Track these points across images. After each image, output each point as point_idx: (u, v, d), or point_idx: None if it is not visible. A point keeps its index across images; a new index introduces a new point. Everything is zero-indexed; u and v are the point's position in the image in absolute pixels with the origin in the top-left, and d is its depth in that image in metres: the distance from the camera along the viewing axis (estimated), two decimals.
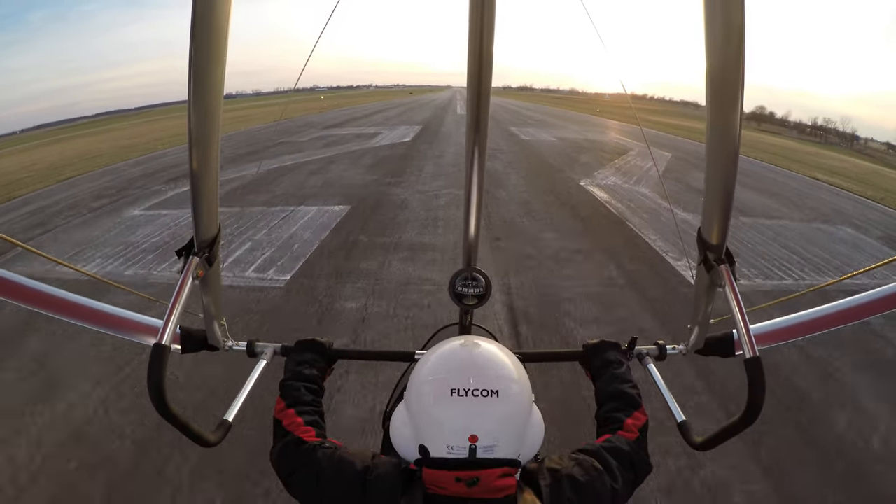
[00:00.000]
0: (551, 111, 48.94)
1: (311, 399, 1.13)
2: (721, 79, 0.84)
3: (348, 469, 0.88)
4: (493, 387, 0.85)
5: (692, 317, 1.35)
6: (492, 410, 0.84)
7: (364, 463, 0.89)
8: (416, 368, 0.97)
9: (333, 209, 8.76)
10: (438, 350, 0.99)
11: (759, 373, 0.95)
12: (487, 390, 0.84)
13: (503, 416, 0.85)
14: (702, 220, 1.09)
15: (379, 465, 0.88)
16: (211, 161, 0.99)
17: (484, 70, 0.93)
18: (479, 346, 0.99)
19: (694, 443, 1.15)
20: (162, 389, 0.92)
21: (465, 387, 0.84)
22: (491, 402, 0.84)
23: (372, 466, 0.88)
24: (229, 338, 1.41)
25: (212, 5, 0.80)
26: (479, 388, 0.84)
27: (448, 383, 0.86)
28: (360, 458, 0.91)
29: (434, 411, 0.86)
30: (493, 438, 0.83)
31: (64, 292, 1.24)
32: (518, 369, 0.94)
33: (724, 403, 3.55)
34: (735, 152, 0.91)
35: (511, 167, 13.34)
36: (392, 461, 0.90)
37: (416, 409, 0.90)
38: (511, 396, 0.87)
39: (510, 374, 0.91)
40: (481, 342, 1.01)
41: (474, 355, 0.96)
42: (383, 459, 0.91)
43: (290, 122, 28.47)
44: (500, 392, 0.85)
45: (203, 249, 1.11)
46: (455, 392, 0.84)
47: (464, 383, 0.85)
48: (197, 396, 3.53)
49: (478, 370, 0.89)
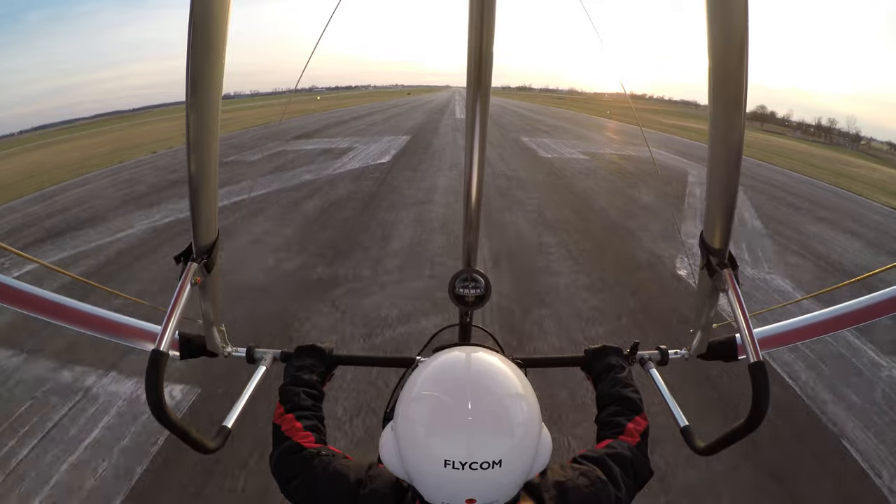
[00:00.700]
0: (558, 113, 44.04)
1: (311, 404, 1.12)
2: (723, 81, 0.82)
3: (342, 481, 0.87)
4: (495, 457, 0.71)
5: (694, 321, 1.33)
6: (493, 480, 0.72)
7: (358, 476, 0.87)
8: (404, 391, 0.82)
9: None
10: (429, 381, 0.80)
11: (762, 377, 0.94)
12: (488, 462, 0.71)
13: (506, 483, 0.75)
14: (704, 225, 1.09)
15: (374, 479, 0.87)
16: (210, 164, 0.97)
17: (484, 70, 0.92)
18: (481, 383, 0.78)
19: (697, 448, 1.12)
20: (160, 396, 0.90)
21: (461, 459, 0.71)
22: (492, 473, 0.71)
23: (366, 480, 0.87)
24: (228, 344, 1.40)
25: (210, 6, 0.80)
26: (479, 462, 0.70)
27: (441, 451, 0.71)
28: (354, 471, 0.89)
29: (427, 472, 0.74)
30: (494, 498, 0.75)
31: (60, 297, 1.22)
32: (526, 397, 0.78)
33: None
34: (738, 155, 0.90)
35: (545, 228, 7.86)
36: (387, 475, 0.87)
37: (407, 456, 0.77)
38: (516, 458, 0.74)
39: (515, 425, 0.74)
40: (481, 361, 0.83)
41: (473, 406, 0.73)
42: (379, 472, 0.88)
43: (262, 130, 23.73)
44: (503, 462, 0.72)
45: (201, 255, 1.09)
46: (449, 464, 0.71)
47: (459, 454, 0.71)
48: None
49: (476, 434, 0.72)
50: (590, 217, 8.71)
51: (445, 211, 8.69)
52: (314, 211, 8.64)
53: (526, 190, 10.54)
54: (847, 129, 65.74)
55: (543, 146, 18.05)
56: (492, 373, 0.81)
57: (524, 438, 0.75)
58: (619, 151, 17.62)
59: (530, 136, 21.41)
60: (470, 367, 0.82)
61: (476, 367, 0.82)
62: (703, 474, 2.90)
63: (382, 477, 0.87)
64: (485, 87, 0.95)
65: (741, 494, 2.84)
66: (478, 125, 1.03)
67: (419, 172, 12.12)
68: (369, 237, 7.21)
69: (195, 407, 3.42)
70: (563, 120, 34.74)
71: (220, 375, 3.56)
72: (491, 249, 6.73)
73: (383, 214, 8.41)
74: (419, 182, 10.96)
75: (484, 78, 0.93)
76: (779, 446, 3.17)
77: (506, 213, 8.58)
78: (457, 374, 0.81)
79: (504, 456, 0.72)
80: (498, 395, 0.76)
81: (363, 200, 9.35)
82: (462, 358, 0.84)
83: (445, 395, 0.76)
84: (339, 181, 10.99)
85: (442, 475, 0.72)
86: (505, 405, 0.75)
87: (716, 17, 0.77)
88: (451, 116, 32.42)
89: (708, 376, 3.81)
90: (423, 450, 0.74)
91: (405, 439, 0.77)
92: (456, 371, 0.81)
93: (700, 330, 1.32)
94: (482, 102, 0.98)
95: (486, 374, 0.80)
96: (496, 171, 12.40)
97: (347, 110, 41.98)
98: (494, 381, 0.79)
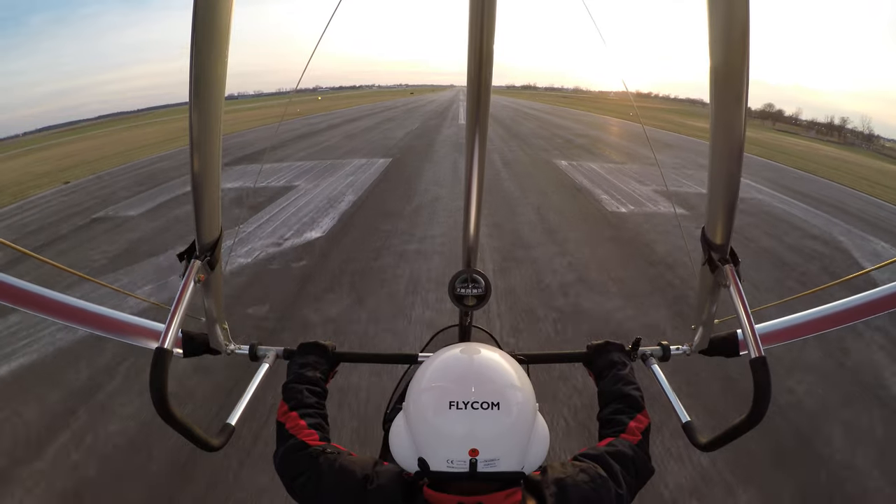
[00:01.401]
0: (578, 116, 36.88)
1: (315, 401, 1.11)
2: (725, 77, 0.83)
3: (349, 477, 0.87)
4: (494, 399, 0.81)
5: (696, 317, 1.33)
6: (493, 423, 0.80)
7: (364, 471, 0.87)
8: (415, 376, 0.92)
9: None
10: (437, 358, 0.94)
11: (764, 373, 0.94)
12: (488, 402, 0.80)
13: (505, 428, 0.81)
14: (706, 220, 1.09)
15: (380, 474, 0.87)
16: (212, 164, 0.98)
17: (484, 68, 0.92)
18: (480, 353, 0.94)
19: (699, 443, 1.12)
20: (164, 393, 0.89)
21: (464, 399, 0.80)
22: (492, 414, 0.79)
23: (373, 475, 0.86)
24: (231, 341, 1.39)
25: (213, 8, 0.80)
26: (480, 401, 0.80)
27: (447, 395, 0.82)
28: (360, 466, 0.89)
29: (432, 424, 0.82)
30: (494, 452, 0.79)
31: (65, 296, 1.23)
32: (521, 378, 0.89)
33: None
34: (739, 151, 0.89)
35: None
36: (393, 470, 0.88)
37: (415, 420, 0.85)
38: (513, 408, 0.82)
39: (512, 384, 0.86)
40: (482, 349, 0.95)
41: (474, 364, 0.91)
42: (385, 468, 0.89)
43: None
44: (501, 404, 0.81)
45: (205, 253, 1.09)
46: (454, 405, 0.80)
47: (463, 395, 0.81)
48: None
49: (478, 381, 0.84)
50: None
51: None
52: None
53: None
54: (861, 129, 62.85)
55: (596, 179, 11.36)
56: (493, 366, 0.88)
57: (522, 405, 0.83)
58: (693, 188, 10.87)
59: (567, 158, 14.67)
60: (472, 362, 0.91)
61: (478, 361, 0.90)
62: None
63: (389, 473, 0.87)
64: (485, 86, 0.95)
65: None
66: (478, 124, 1.03)
67: (370, 293, 5.45)
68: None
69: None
70: (588, 126, 27.83)
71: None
72: None
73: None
74: (377, 323, 4.40)
75: (484, 77, 0.94)
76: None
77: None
78: (461, 367, 0.89)
79: (502, 401, 0.80)
80: (498, 385, 0.84)
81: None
82: (465, 354, 0.93)
83: (451, 384, 0.83)
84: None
85: (448, 420, 0.78)
86: (504, 390, 0.83)
87: (717, 12, 0.77)
88: (454, 123, 25.52)
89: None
90: (432, 411, 0.81)
91: (416, 417, 0.84)
92: (460, 365, 0.90)
93: (702, 326, 1.32)
94: (483, 102, 0.98)
95: (488, 367, 0.88)
96: (554, 283, 5.61)
97: (338, 113, 36.91)
98: (495, 372, 0.87)
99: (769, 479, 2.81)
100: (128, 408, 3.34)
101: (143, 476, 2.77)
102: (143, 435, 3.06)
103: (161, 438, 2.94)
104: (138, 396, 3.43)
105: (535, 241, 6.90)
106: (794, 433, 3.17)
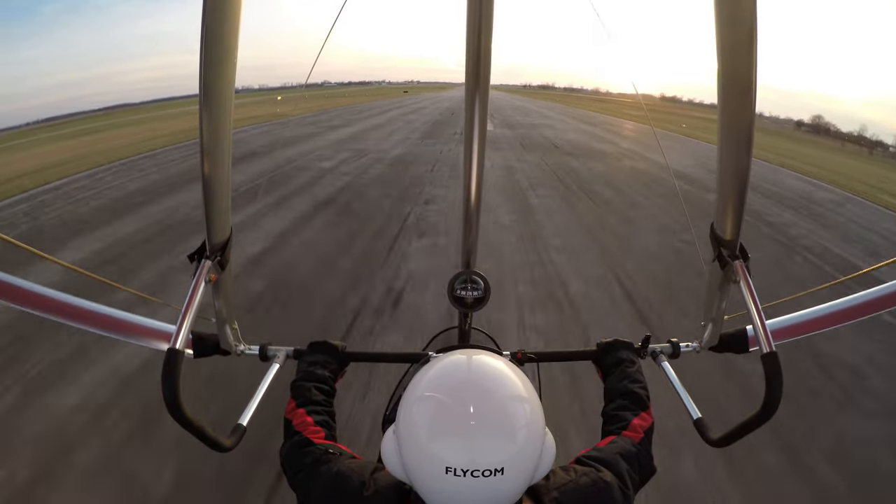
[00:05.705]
0: (616, 127, 29.68)
1: (322, 399, 1.14)
2: (733, 70, 0.84)
3: (346, 483, 0.87)
4: (497, 464, 0.70)
5: (705, 314, 1.34)
6: (495, 488, 0.72)
7: (362, 478, 0.87)
8: (406, 393, 0.82)
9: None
10: (431, 383, 0.80)
11: (776, 368, 0.95)
12: (490, 470, 0.70)
13: (508, 490, 0.74)
14: (715, 216, 1.09)
15: (378, 481, 0.86)
16: (223, 163, 0.98)
17: (482, 68, 0.94)
18: (483, 386, 0.78)
19: (710, 440, 1.13)
20: (177, 394, 0.92)
21: (462, 467, 0.70)
22: (494, 481, 0.71)
23: (370, 482, 0.86)
24: (241, 342, 1.41)
25: (221, 9, 0.80)
26: (481, 469, 0.70)
27: (442, 458, 0.71)
28: (359, 472, 0.89)
29: (428, 478, 0.74)
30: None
31: (73, 298, 1.23)
32: (529, 400, 0.78)
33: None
34: (749, 147, 0.90)
35: None
36: (391, 477, 0.85)
37: (409, 460, 0.77)
38: (519, 464, 0.73)
39: (518, 428, 0.74)
40: (484, 369, 0.82)
41: (475, 410, 0.73)
42: (383, 475, 0.88)
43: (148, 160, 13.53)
44: (506, 469, 0.71)
45: (215, 253, 1.10)
46: (451, 471, 0.70)
47: (461, 461, 0.70)
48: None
49: (478, 439, 0.71)
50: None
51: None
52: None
53: None
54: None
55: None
56: (494, 376, 0.80)
57: (527, 444, 0.75)
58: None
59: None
60: (472, 370, 0.83)
61: (478, 369, 0.83)
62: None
63: (386, 479, 0.86)
64: (483, 86, 0.97)
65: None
66: (477, 124, 1.05)
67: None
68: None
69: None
70: (639, 145, 20.28)
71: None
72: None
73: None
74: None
75: (482, 76, 0.95)
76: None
77: None
78: (459, 376, 0.81)
79: (506, 463, 0.71)
80: (500, 399, 0.76)
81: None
82: (464, 360, 0.85)
83: (447, 398, 0.75)
84: None
85: (444, 482, 0.72)
86: (507, 409, 0.75)
87: (723, 13, 0.79)
88: (456, 139, 19.26)
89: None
90: (425, 455, 0.73)
91: (407, 442, 0.77)
92: (458, 373, 0.82)
93: (711, 322, 1.33)
94: (481, 100, 1.00)
95: (489, 377, 0.80)
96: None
97: (302, 118, 28.36)
98: (497, 383, 0.78)
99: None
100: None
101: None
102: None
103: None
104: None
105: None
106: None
